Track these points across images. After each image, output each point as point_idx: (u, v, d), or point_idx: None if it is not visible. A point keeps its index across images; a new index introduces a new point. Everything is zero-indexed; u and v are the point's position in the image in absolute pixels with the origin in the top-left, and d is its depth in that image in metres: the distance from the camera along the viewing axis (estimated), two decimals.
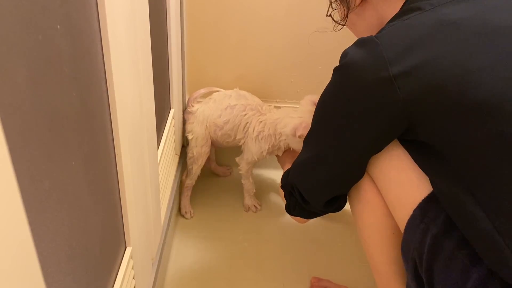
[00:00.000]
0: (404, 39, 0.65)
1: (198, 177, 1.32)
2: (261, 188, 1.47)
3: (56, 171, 0.43)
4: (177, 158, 1.29)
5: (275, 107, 1.38)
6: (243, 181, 1.35)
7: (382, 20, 0.82)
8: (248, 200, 1.37)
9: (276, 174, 1.53)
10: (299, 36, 1.32)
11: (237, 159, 1.32)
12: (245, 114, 1.22)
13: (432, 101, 0.63)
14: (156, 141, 0.89)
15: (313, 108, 1.15)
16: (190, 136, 1.27)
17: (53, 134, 0.43)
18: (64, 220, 0.46)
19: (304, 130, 1.05)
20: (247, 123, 1.23)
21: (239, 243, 1.26)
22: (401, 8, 0.76)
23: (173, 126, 1.19)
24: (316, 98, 1.17)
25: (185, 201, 1.33)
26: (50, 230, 0.43)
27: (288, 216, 0.94)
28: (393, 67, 0.64)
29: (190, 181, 1.32)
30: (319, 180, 0.79)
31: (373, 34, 0.85)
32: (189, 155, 1.29)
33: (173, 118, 1.18)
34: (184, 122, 1.31)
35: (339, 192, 0.81)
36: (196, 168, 1.29)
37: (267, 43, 1.34)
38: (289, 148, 1.20)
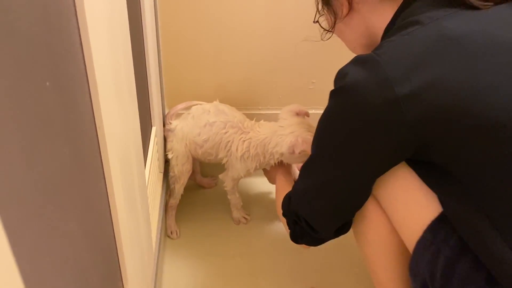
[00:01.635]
0: (407, 57, 0.62)
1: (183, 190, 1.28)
2: (248, 196, 1.43)
3: (50, 217, 0.39)
4: (161, 176, 1.24)
5: (257, 114, 1.35)
6: (229, 197, 1.31)
7: (370, 29, 0.79)
8: (236, 213, 1.34)
9: (261, 182, 1.49)
10: (278, 42, 1.29)
11: (220, 176, 1.27)
12: (226, 132, 1.16)
13: (442, 123, 0.60)
14: (143, 167, 0.85)
15: (297, 119, 1.13)
16: (170, 155, 1.21)
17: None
18: (57, 266, 0.42)
19: (303, 145, 1.02)
20: (229, 141, 1.17)
21: (231, 258, 1.23)
22: (393, 20, 0.74)
23: (156, 144, 1.14)
24: (295, 107, 1.14)
25: (170, 221, 1.28)
26: (44, 275, 0.38)
27: (279, 225, 0.91)
28: (398, 87, 0.60)
29: (173, 201, 1.27)
30: (327, 209, 0.76)
31: (362, 42, 0.83)
32: (171, 174, 1.24)
33: (155, 136, 1.12)
34: (164, 139, 1.26)
35: (348, 218, 0.79)
36: (178, 187, 1.24)
37: (246, 50, 1.30)
38: (278, 162, 1.16)
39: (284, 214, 0.87)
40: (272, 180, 1.20)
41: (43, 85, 0.37)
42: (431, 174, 0.69)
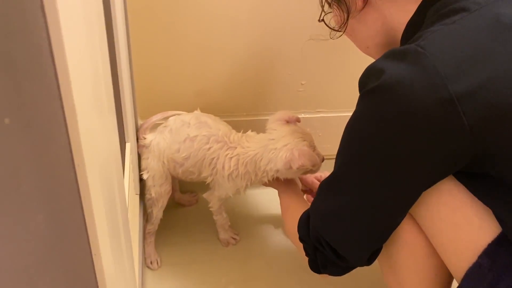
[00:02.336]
0: (458, 49, 0.52)
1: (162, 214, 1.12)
2: (233, 213, 1.27)
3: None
4: (137, 198, 1.08)
5: (243, 121, 1.21)
6: (215, 217, 1.16)
7: (388, 25, 0.68)
8: (224, 234, 1.19)
9: (246, 195, 1.36)
10: (264, 41, 1.16)
11: (205, 195, 1.12)
12: (210, 148, 1.00)
13: (505, 126, 0.51)
14: (124, 191, 0.70)
15: (288, 128, 0.99)
16: (145, 175, 1.04)
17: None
18: None
19: (301, 159, 0.89)
20: (214, 158, 1.01)
21: (223, 287, 1.08)
22: (418, 13, 0.63)
23: (131, 163, 0.98)
24: (284, 114, 1.00)
25: (149, 250, 1.12)
26: None
27: (273, 242, 0.78)
28: (453, 85, 0.50)
29: (151, 226, 1.10)
30: (359, 233, 0.64)
31: (377, 41, 0.72)
32: (147, 196, 1.07)
33: (130, 153, 0.96)
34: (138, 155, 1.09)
35: (383, 241, 0.67)
36: (156, 211, 1.08)
37: (228, 52, 1.16)
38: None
39: (301, 239, 0.74)
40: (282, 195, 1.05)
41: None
42: (485, 187, 0.58)
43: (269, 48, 1.17)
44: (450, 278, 0.69)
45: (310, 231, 0.70)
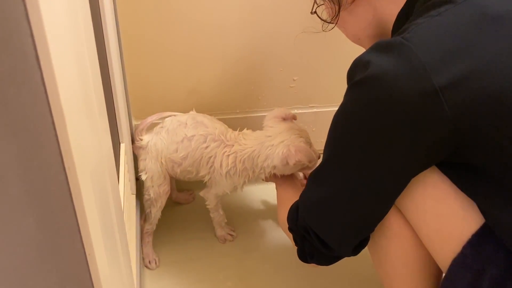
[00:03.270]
0: (442, 41, 0.52)
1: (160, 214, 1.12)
2: (229, 210, 1.27)
3: None
4: (134, 198, 1.08)
5: (235, 118, 1.22)
6: (212, 215, 1.17)
7: (379, 17, 0.69)
8: (221, 231, 1.20)
9: (246, 190, 1.36)
10: (254, 40, 1.16)
11: (201, 193, 1.13)
12: (207, 147, 1.02)
13: (487, 117, 0.52)
14: (119, 192, 0.70)
15: (285, 125, 1.00)
16: (143, 176, 1.05)
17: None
18: None
19: (298, 155, 0.90)
20: (211, 156, 1.02)
21: (220, 283, 1.09)
22: (407, 5, 0.63)
23: (126, 163, 0.98)
24: (280, 112, 1.01)
25: (147, 249, 1.12)
26: None
27: (270, 238, 0.79)
28: (436, 76, 0.51)
29: (149, 226, 1.11)
30: (345, 222, 0.65)
31: (369, 32, 0.72)
32: (146, 197, 1.08)
33: (125, 154, 0.97)
34: (134, 155, 1.10)
35: (369, 232, 0.68)
36: (155, 211, 1.08)
37: (219, 50, 1.16)
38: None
39: (290, 229, 0.75)
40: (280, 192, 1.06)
41: None
42: (468, 179, 0.59)
43: (260, 45, 1.17)
44: (439, 269, 0.71)
45: (298, 221, 0.71)
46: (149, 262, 1.11)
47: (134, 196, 1.09)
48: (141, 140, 1.06)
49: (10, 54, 0.28)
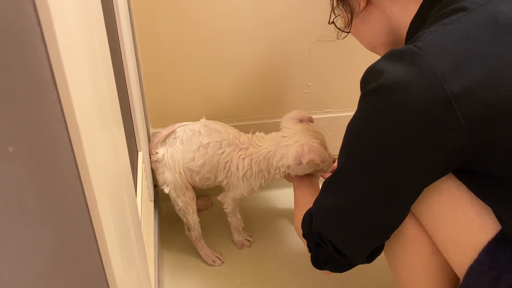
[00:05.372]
0: (455, 49, 0.52)
1: (174, 218, 1.15)
2: (246, 215, 1.28)
3: None
4: (152, 204, 1.10)
5: (251, 125, 1.23)
6: (229, 219, 1.18)
7: (392, 25, 0.69)
8: (238, 236, 1.21)
9: (258, 197, 1.37)
10: (268, 46, 1.17)
11: (219, 198, 1.14)
12: (223, 152, 1.03)
13: (502, 124, 0.51)
14: (136, 202, 0.71)
15: (301, 126, 1.01)
16: (166, 189, 1.07)
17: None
18: None
19: (310, 154, 0.91)
20: (228, 161, 1.04)
21: None
22: (420, 13, 0.63)
23: (144, 171, 1.00)
24: (297, 113, 1.03)
25: (205, 252, 1.16)
26: None
27: (287, 243, 0.79)
28: (450, 85, 0.50)
29: (195, 232, 1.14)
30: (360, 230, 0.65)
31: (383, 40, 0.72)
32: (176, 208, 1.11)
33: (142, 162, 0.99)
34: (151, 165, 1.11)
35: (384, 240, 0.68)
36: (191, 218, 1.11)
37: (234, 57, 1.17)
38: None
39: (304, 235, 0.75)
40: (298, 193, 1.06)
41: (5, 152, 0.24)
42: (484, 186, 0.58)
43: (274, 52, 1.18)
44: (456, 275, 0.70)
45: (312, 228, 0.71)
46: (213, 261, 1.15)
47: (152, 202, 1.11)
48: (157, 153, 1.07)
49: (27, 76, 0.29)
